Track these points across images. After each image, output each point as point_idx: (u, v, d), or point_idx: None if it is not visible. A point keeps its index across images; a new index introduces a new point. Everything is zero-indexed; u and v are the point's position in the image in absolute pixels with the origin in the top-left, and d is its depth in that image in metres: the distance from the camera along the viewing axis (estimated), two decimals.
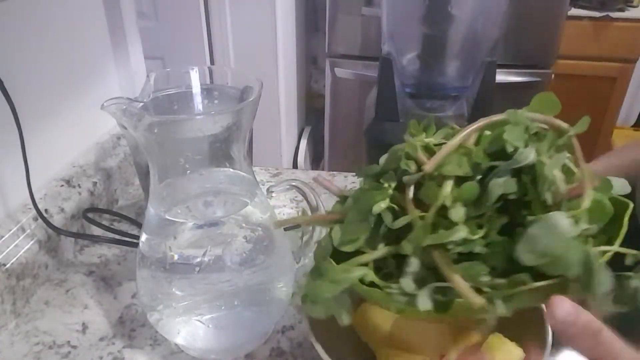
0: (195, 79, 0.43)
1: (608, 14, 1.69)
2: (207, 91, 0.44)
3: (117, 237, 0.59)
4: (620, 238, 0.27)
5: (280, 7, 1.53)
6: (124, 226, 0.64)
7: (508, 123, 0.29)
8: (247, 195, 0.43)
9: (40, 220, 0.53)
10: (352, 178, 0.75)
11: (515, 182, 0.27)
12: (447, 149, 0.29)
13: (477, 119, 0.31)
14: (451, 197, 0.28)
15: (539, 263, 0.25)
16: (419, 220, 0.28)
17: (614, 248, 0.26)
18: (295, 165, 1.93)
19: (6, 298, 0.49)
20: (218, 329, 0.43)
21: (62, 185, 0.60)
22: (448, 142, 0.30)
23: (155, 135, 0.38)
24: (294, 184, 0.46)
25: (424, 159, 0.29)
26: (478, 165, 0.28)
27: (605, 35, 1.73)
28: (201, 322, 0.42)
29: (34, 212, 0.53)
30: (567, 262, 0.25)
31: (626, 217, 0.27)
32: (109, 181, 0.67)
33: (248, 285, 0.42)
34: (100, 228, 0.60)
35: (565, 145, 0.29)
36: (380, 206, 0.30)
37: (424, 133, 0.33)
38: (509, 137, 0.28)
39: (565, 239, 0.25)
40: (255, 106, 0.39)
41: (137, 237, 0.45)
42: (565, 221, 0.25)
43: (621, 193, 0.29)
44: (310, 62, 2.04)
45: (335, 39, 1.58)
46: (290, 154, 1.90)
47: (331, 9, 1.53)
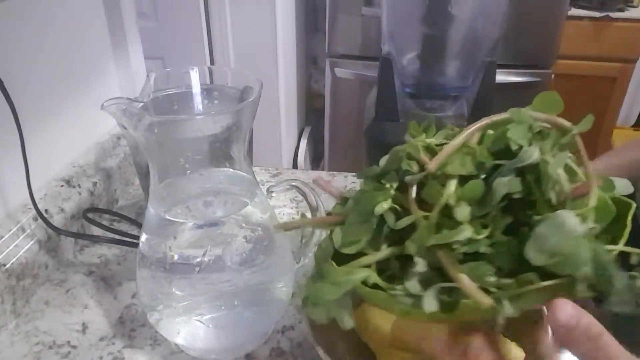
0: (195, 79, 0.43)
1: (608, 14, 1.69)
2: (207, 91, 0.44)
3: (117, 237, 0.59)
4: (624, 238, 0.26)
5: (280, 7, 1.53)
6: (124, 226, 0.64)
7: (511, 122, 0.29)
8: (247, 195, 0.43)
9: (40, 220, 0.53)
10: (352, 178, 0.75)
11: (520, 181, 0.27)
12: (450, 148, 0.29)
13: (477, 119, 0.30)
14: (455, 196, 0.27)
15: (548, 262, 0.25)
16: (423, 220, 0.28)
17: (620, 247, 0.26)
18: (295, 165, 1.93)
19: (6, 298, 0.49)
20: (218, 329, 0.43)
21: (62, 185, 0.60)
22: (451, 141, 0.29)
23: (155, 135, 0.38)
24: (294, 184, 0.46)
25: (426, 159, 0.29)
26: (482, 164, 0.28)
27: (605, 35, 1.73)
28: (201, 322, 0.42)
29: (34, 212, 0.53)
30: (576, 261, 0.24)
31: (629, 216, 0.27)
32: (109, 181, 0.67)
33: (248, 285, 0.42)
34: (100, 228, 0.60)
35: (569, 144, 0.29)
36: (383, 207, 0.29)
37: (424, 134, 0.32)
38: (512, 136, 0.28)
39: (573, 237, 0.24)
40: (255, 106, 0.39)
41: (137, 237, 0.45)
42: (574, 219, 0.25)
43: (624, 193, 0.28)
44: (310, 62, 2.04)
45: (335, 39, 1.58)
46: (290, 154, 1.90)
47: (331, 9, 1.53)
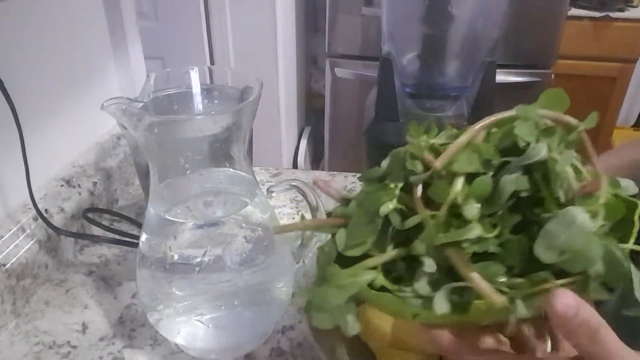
0: (195, 79, 0.43)
1: (608, 14, 1.69)
2: (207, 91, 0.44)
3: (117, 237, 0.58)
4: (633, 236, 0.26)
5: (280, 7, 1.53)
6: (124, 226, 0.64)
7: (516, 120, 0.29)
8: (247, 195, 0.43)
9: (40, 220, 0.53)
10: (352, 178, 0.75)
11: (527, 179, 0.26)
12: (456, 146, 0.28)
13: (477, 119, 0.30)
14: (463, 193, 0.27)
15: (558, 260, 0.24)
16: (431, 219, 0.27)
17: (629, 245, 0.26)
18: (295, 165, 1.93)
19: (6, 298, 0.49)
20: (218, 329, 0.43)
21: (62, 185, 0.60)
22: (456, 139, 0.29)
23: (155, 135, 0.38)
24: (294, 184, 0.46)
25: (431, 158, 0.29)
26: (488, 161, 0.27)
27: (605, 35, 1.73)
28: (201, 322, 0.42)
29: (34, 212, 0.53)
30: (588, 257, 0.24)
31: (636, 215, 0.27)
32: (109, 181, 0.67)
33: (248, 285, 0.42)
34: (100, 228, 0.59)
35: (575, 142, 0.29)
36: (388, 207, 0.28)
37: (425, 135, 0.32)
38: (520, 132, 0.27)
39: (584, 234, 0.24)
40: (255, 106, 0.39)
41: (137, 237, 0.45)
42: (584, 216, 0.24)
43: (629, 193, 0.28)
44: (310, 62, 2.03)
45: (335, 39, 1.58)
46: (290, 154, 1.90)
47: (331, 9, 1.53)
